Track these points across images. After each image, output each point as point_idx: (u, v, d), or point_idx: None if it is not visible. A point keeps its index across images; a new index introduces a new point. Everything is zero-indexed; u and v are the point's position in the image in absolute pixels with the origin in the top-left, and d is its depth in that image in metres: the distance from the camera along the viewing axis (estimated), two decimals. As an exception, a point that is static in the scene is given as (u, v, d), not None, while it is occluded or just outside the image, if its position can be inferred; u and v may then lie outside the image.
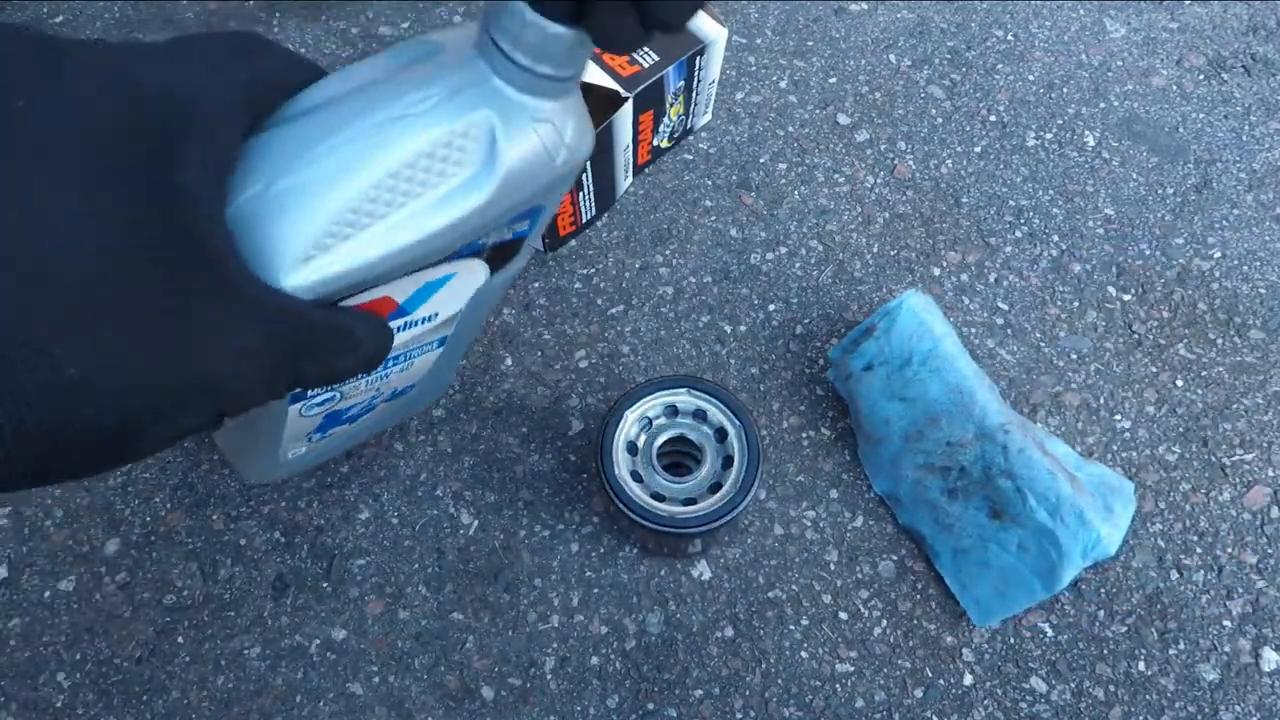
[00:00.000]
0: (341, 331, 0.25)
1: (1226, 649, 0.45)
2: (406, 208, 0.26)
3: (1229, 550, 0.47)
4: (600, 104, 0.52)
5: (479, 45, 0.26)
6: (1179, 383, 0.52)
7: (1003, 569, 0.43)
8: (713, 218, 0.58)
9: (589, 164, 0.52)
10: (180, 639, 0.45)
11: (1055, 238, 0.57)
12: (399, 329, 0.32)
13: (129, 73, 0.21)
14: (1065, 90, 0.63)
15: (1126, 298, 0.55)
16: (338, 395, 0.35)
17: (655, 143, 0.58)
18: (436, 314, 0.33)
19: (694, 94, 0.57)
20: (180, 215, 0.21)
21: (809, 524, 0.48)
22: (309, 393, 0.33)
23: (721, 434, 0.44)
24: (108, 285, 0.19)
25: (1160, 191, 0.59)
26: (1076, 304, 0.55)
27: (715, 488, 0.43)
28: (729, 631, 0.46)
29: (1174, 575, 0.47)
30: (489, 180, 0.27)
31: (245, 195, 0.24)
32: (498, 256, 0.33)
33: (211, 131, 0.22)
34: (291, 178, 0.25)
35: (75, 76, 0.20)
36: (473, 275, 0.33)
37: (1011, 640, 0.45)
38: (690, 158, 0.60)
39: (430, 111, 0.25)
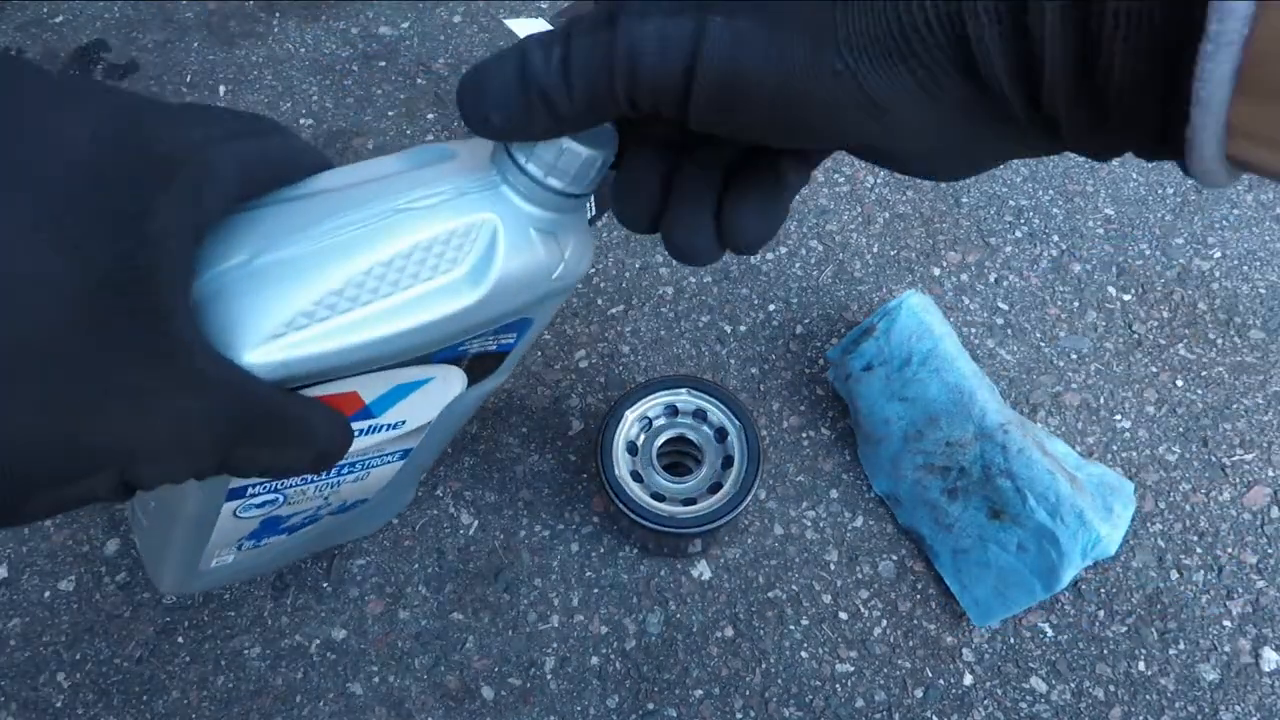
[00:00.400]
0: (292, 420, 0.24)
1: (1226, 649, 0.45)
2: (392, 298, 0.25)
3: (1229, 550, 0.47)
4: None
5: (494, 151, 0.26)
6: (1179, 383, 0.52)
7: (1002, 569, 0.43)
8: (713, 218, 0.58)
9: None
10: (180, 639, 0.45)
11: (1055, 238, 0.57)
12: (361, 431, 0.30)
13: (130, 121, 0.20)
14: (1065, 90, 0.63)
15: (1126, 298, 0.55)
16: (281, 499, 0.33)
17: (655, 143, 0.58)
18: (404, 421, 0.32)
19: (694, 94, 0.57)
20: (135, 265, 0.19)
21: (809, 524, 0.48)
22: (249, 490, 0.31)
23: (721, 434, 0.44)
24: (32, 321, 0.17)
25: (1160, 191, 0.59)
26: (1076, 304, 0.55)
27: (715, 488, 0.43)
28: (729, 631, 0.46)
29: (1174, 575, 0.47)
30: (481, 283, 0.26)
31: (228, 264, 0.23)
32: (478, 368, 0.32)
33: (193, 191, 0.21)
34: (280, 252, 0.24)
35: (71, 115, 0.19)
36: (449, 384, 0.32)
37: (1011, 640, 0.45)
38: (690, 158, 0.60)
39: (434, 208, 0.25)
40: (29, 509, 0.19)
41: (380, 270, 0.24)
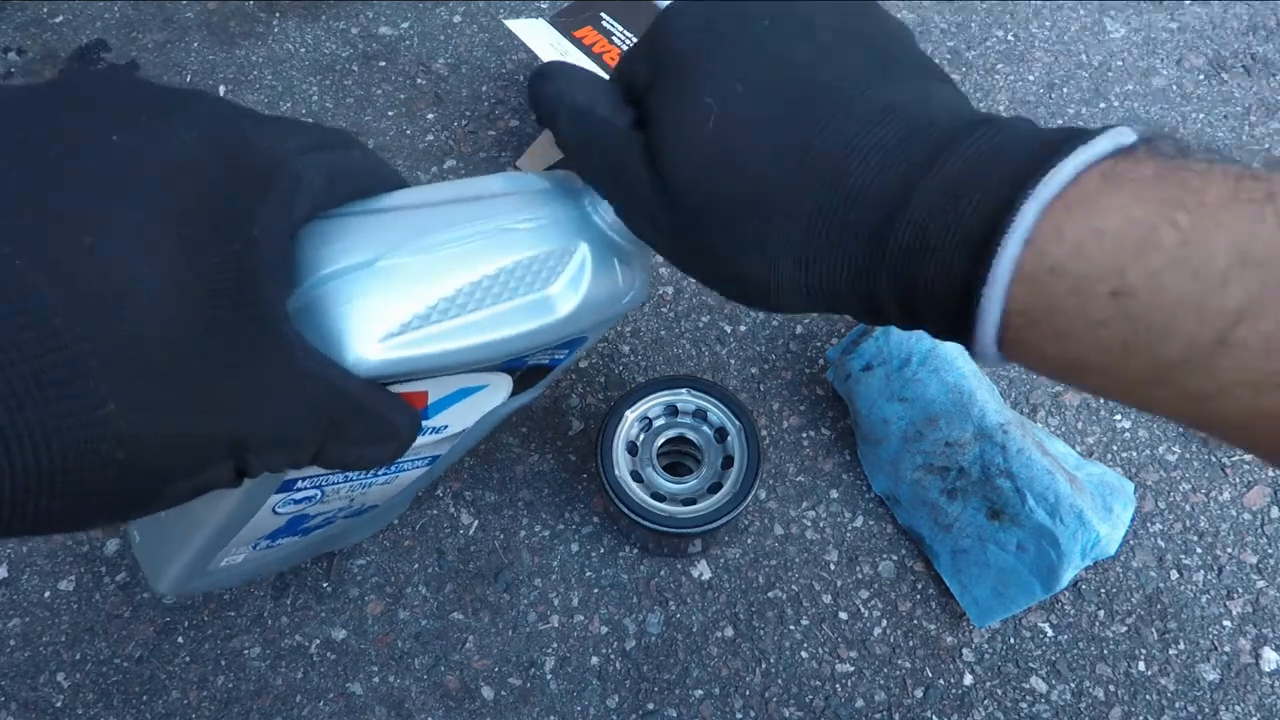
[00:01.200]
0: (378, 415, 0.25)
1: (1226, 649, 0.45)
2: (494, 308, 0.27)
3: (1229, 550, 0.47)
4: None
5: (585, 190, 0.30)
6: (1179, 383, 0.52)
7: (1002, 569, 0.43)
8: (713, 218, 0.58)
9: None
10: (180, 639, 0.45)
11: (1055, 238, 0.57)
12: None
13: (229, 128, 0.22)
14: (1065, 90, 0.63)
15: (1126, 298, 0.55)
16: (319, 494, 0.33)
17: (655, 143, 0.58)
18: (446, 426, 0.33)
19: (694, 94, 0.57)
20: (242, 268, 0.20)
21: (809, 524, 0.48)
22: (297, 484, 0.31)
23: (721, 434, 0.44)
24: (159, 320, 0.19)
25: (1160, 191, 0.59)
26: (1076, 304, 0.54)
27: (715, 488, 0.43)
28: (729, 631, 0.46)
29: (1174, 575, 0.47)
30: (570, 301, 0.29)
31: (345, 264, 0.25)
32: (528, 379, 0.34)
33: (288, 198, 0.22)
34: (401, 257, 0.26)
35: (180, 120, 0.21)
36: (496, 392, 0.33)
37: (1011, 640, 0.45)
38: (690, 158, 0.60)
39: (535, 230, 0.28)
40: (166, 494, 0.21)
41: (488, 282, 0.27)
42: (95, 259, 0.18)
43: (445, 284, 0.26)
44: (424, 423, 0.30)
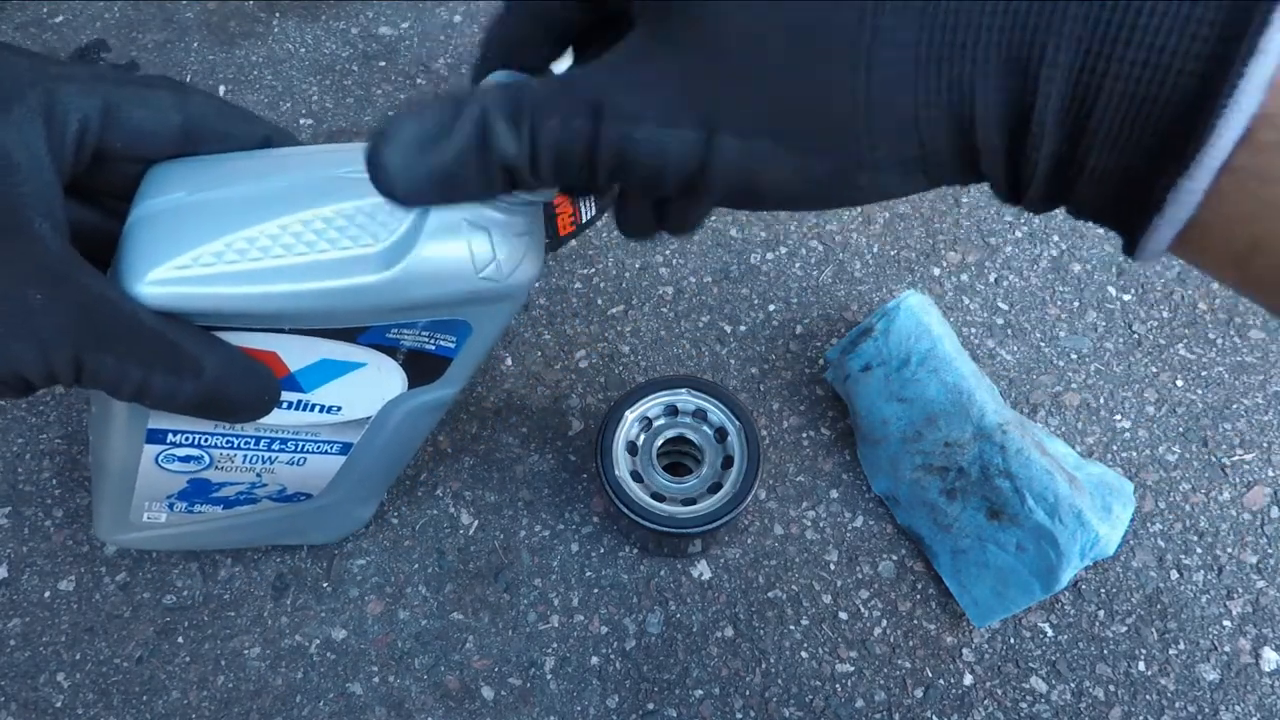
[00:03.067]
0: (166, 343, 0.24)
1: (1226, 649, 0.45)
2: (302, 257, 0.25)
3: (1229, 550, 0.47)
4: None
5: None
6: (1179, 383, 0.52)
7: (1001, 569, 0.43)
8: (713, 217, 0.58)
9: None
10: (180, 639, 0.45)
11: (1055, 238, 0.57)
12: (291, 405, 0.31)
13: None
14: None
15: (1126, 298, 0.55)
16: (207, 458, 0.33)
17: (655, 143, 0.58)
18: (339, 407, 0.32)
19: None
20: None
21: (809, 524, 0.48)
22: (169, 437, 0.31)
23: (721, 434, 0.44)
24: None
25: (1160, 191, 0.59)
26: (1076, 304, 0.55)
27: (715, 488, 0.43)
28: (729, 631, 0.46)
29: (1174, 575, 0.47)
30: (395, 263, 0.26)
31: (164, 198, 0.25)
32: (418, 368, 0.32)
33: (40, 113, 0.23)
34: (210, 193, 0.25)
35: None
36: (385, 377, 0.32)
37: (1011, 640, 0.45)
38: (690, 158, 0.60)
39: (367, 181, 0.25)
40: None
41: (298, 228, 0.25)
42: None
43: (246, 224, 0.25)
44: (300, 395, 0.30)
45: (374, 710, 0.44)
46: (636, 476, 0.44)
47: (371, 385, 0.32)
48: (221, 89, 0.64)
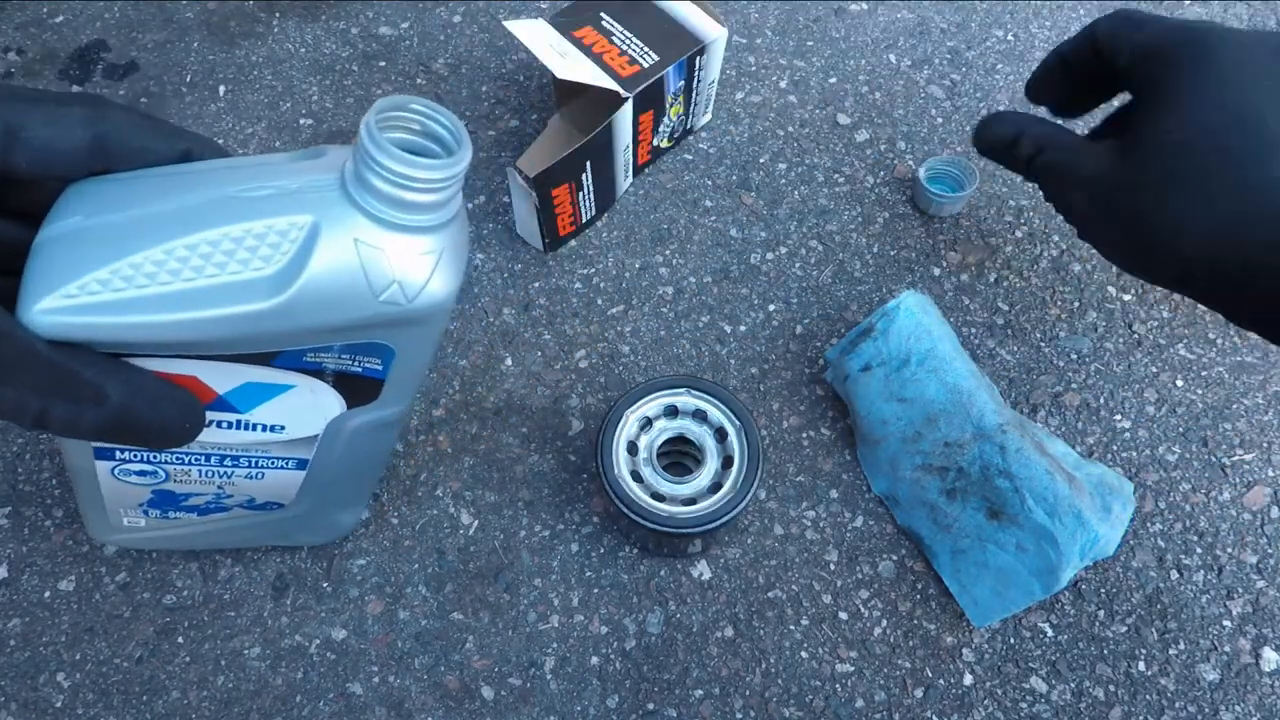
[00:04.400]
0: (70, 374, 0.24)
1: (1226, 649, 0.45)
2: (190, 283, 0.24)
3: (1229, 550, 0.47)
4: (600, 104, 0.52)
5: (351, 156, 0.25)
6: (1179, 383, 0.52)
7: (1001, 569, 0.43)
8: (713, 218, 0.58)
9: (589, 164, 0.52)
10: (180, 639, 0.45)
11: (1055, 238, 0.57)
12: (229, 424, 0.30)
13: None
14: (1065, 90, 0.63)
15: (1126, 298, 0.55)
16: (163, 474, 0.33)
17: (655, 143, 0.58)
18: (282, 426, 0.32)
19: (694, 94, 0.57)
20: None
21: (809, 524, 0.48)
22: (116, 454, 0.31)
23: (721, 434, 0.44)
24: None
25: (1160, 191, 0.59)
26: (1076, 304, 0.55)
27: (715, 488, 0.43)
28: (729, 631, 0.46)
29: (1174, 575, 0.47)
30: (283, 289, 0.25)
31: (66, 221, 0.24)
32: (349, 388, 0.31)
33: None
34: (106, 217, 0.24)
35: None
36: (319, 398, 0.31)
37: (1011, 640, 0.45)
38: (690, 158, 0.60)
39: (261, 200, 0.24)
40: None
41: (184, 253, 0.24)
42: None
43: (135, 249, 0.24)
44: (237, 415, 0.30)
45: (374, 710, 0.44)
46: (636, 476, 0.43)
47: (308, 406, 0.31)
48: (221, 89, 0.64)
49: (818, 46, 0.66)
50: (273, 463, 0.35)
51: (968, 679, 0.44)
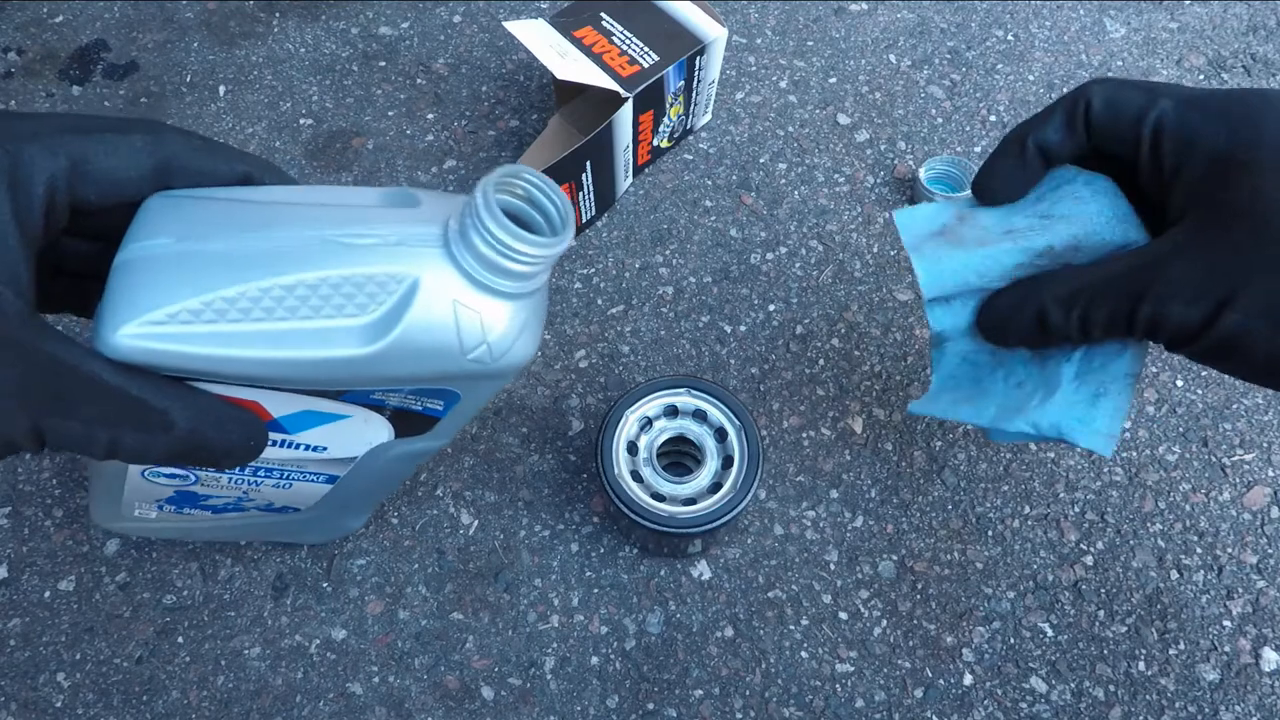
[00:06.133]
0: (138, 403, 0.24)
1: (1226, 649, 0.45)
2: (283, 324, 0.24)
3: (1229, 550, 0.47)
4: (600, 104, 0.52)
5: (454, 215, 0.25)
6: (1179, 383, 0.52)
7: (984, 389, 0.38)
8: (713, 218, 0.58)
9: (589, 164, 0.52)
10: (180, 639, 0.45)
11: (1055, 238, 0.57)
12: (274, 443, 0.30)
13: None
14: (1066, 90, 0.63)
15: (1126, 298, 0.55)
16: (193, 477, 0.33)
17: (655, 143, 0.58)
18: (326, 448, 0.32)
19: (694, 94, 0.57)
20: None
21: (809, 524, 0.48)
22: None
23: (721, 434, 0.44)
24: None
25: (1160, 191, 0.59)
26: (1076, 304, 0.55)
27: (715, 488, 0.43)
28: (729, 631, 0.46)
29: (1174, 575, 0.47)
30: (378, 340, 0.25)
31: (153, 242, 0.24)
32: (404, 423, 0.32)
33: (3, 181, 0.23)
34: (197, 245, 0.24)
35: None
36: (371, 428, 0.31)
37: (1011, 640, 0.45)
38: (690, 158, 0.60)
39: (362, 248, 0.24)
40: None
41: (280, 293, 0.24)
42: None
43: (231, 282, 0.24)
44: (286, 435, 0.30)
45: (374, 710, 0.44)
46: (636, 476, 0.44)
47: (356, 433, 0.31)
48: (221, 89, 0.64)
49: (818, 46, 0.66)
50: (304, 476, 0.35)
51: (968, 679, 0.44)
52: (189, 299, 0.23)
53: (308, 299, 0.24)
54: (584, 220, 0.56)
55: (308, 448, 0.32)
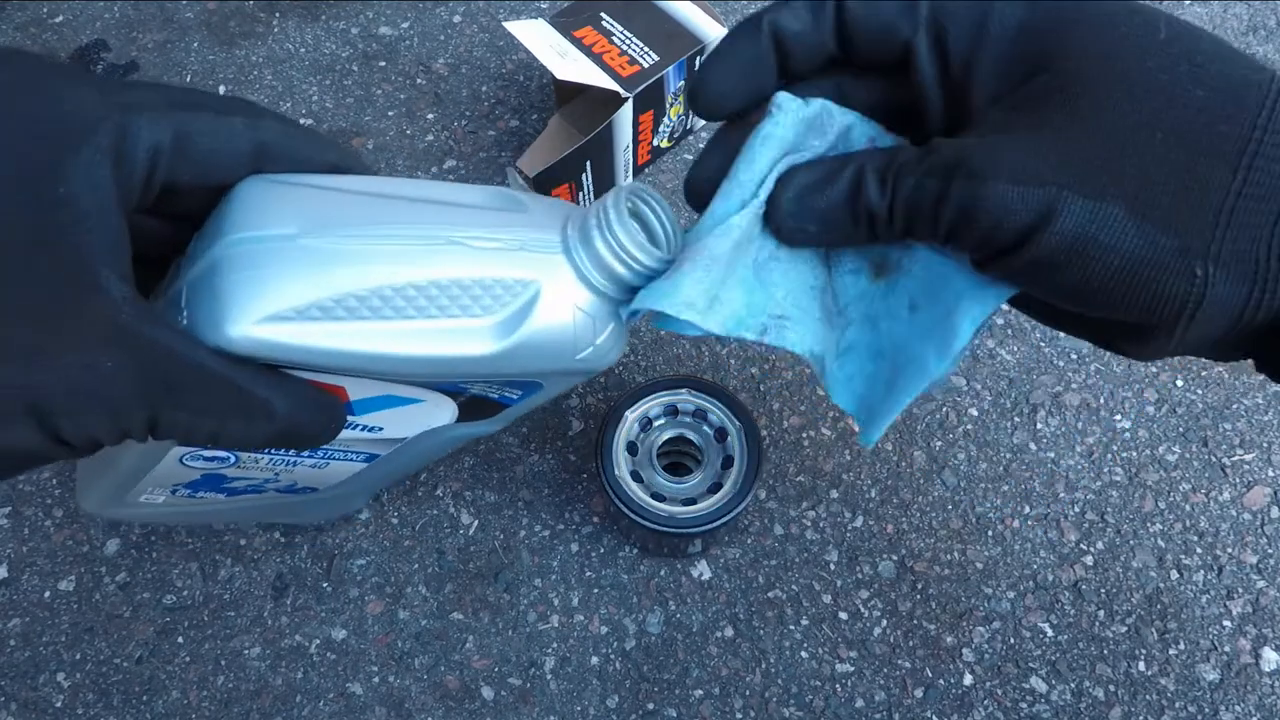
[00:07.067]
0: (244, 393, 0.23)
1: (1226, 649, 0.45)
2: (412, 322, 0.25)
3: (1229, 550, 0.47)
4: (600, 104, 0.52)
5: (571, 222, 0.27)
6: (1179, 383, 0.52)
7: (895, 347, 0.30)
8: (713, 218, 0.58)
9: (589, 164, 0.52)
10: (180, 639, 0.45)
11: (1055, 238, 0.57)
12: None
13: (35, 87, 0.22)
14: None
15: (1126, 298, 0.55)
16: (233, 458, 0.32)
17: (655, 143, 0.58)
18: (382, 429, 0.31)
19: (694, 94, 0.57)
20: (45, 223, 0.20)
21: (809, 524, 0.48)
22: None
23: (721, 434, 0.44)
24: None
25: (1160, 191, 0.59)
26: (1076, 304, 0.55)
27: (715, 488, 0.43)
28: (729, 631, 0.46)
29: (1174, 575, 0.47)
30: (504, 340, 0.26)
31: (270, 232, 0.24)
32: (474, 409, 0.32)
33: (111, 151, 0.22)
34: (324, 240, 0.24)
35: None
36: (438, 411, 0.31)
37: (1011, 640, 0.45)
38: (690, 158, 0.60)
39: (488, 252, 0.25)
40: None
41: (412, 292, 0.24)
42: None
43: (361, 279, 0.24)
44: (350, 418, 0.29)
45: (374, 710, 0.44)
46: (636, 476, 0.44)
47: (420, 416, 0.31)
48: (222, 89, 0.64)
49: (818, 46, 0.66)
50: (345, 455, 0.34)
51: (968, 679, 0.44)
52: (319, 294, 0.23)
53: (436, 299, 0.25)
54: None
55: (365, 429, 0.31)
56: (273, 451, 0.32)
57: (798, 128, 0.27)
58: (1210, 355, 0.24)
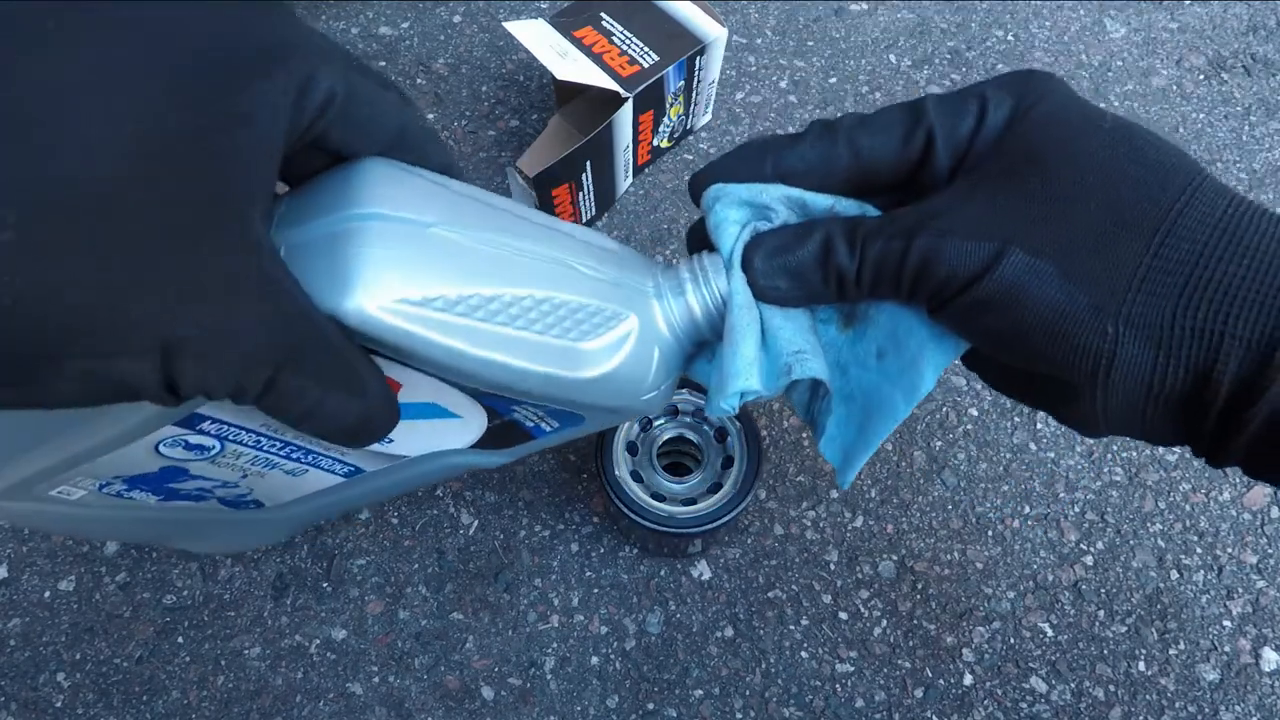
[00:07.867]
0: (351, 366, 0.23)
1: (1226, 649, 0.45)
2: (520, 332, 0.25)
3: (1229, 550, 0.47)
4: (600, 104, 0.52)
5: (659, 270, 0.29)
6: (1179, 383, 0.52)
7: (864, 393, 0.32)
8: (713, 218, 0.58)
9: (589, 164, 0.52)
10: (180, 639, 0.45)
11: (1055, 238, 0.57)
12: None
13: (243, 4, 0.20)
14: (1065, 90, 0.63)
15: (1126, 298, 0.55)
16: (217, 447, 0.29)
17: (655, 143, 0.58)
18: (392, 439, 0.31)
19: (694, 94, 0.57)
20: (217, 143, 0.18)
21: (809, 524, 0.48)
22: (204, 422, 0.27)
23: (721, 434, 0.44)
24: (98, 164, 0.16)
25: (1160, 191, 0.59)
26: (1076, 304, 0.54)
27: (715, 488, 0.43)
28: (729, 631, 0.46)
29: (1174, 575, 0.47)
30: (598, 365, 0.27)
31: (401, 214, 0.23)
32: (500, 434, 0.32)
33: (296, 88, 0.20)
34: (460, 234, 0.24)
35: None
36: (460, 433, 0.31)
37: (1011, 640, 0.45)
38: (690, 158, 0.60)
39: (596, 280, 0.27)
40: (53, 376, 0.17)
41: (531, 304, 0.25)
42: (46, 89, 0.16)
43: (489, 282, 0.24)
44: None
45: (374, 710, 0.44)
46: (636, 476, 0.44)
47: (441, 435, 0.31)
48: (221, 89, 0.64)
49: (818, 46, 0.66)
50: (331, 464, 0.33)
51: (968, 679, 0.44)
52: (446, 287, 0.23)
53: (546, 315, 0.26)
54: (584, 220, 0.56)
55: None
56: (261, 445, 0.30)
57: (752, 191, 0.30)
58: (1143, 434, 0.26)
